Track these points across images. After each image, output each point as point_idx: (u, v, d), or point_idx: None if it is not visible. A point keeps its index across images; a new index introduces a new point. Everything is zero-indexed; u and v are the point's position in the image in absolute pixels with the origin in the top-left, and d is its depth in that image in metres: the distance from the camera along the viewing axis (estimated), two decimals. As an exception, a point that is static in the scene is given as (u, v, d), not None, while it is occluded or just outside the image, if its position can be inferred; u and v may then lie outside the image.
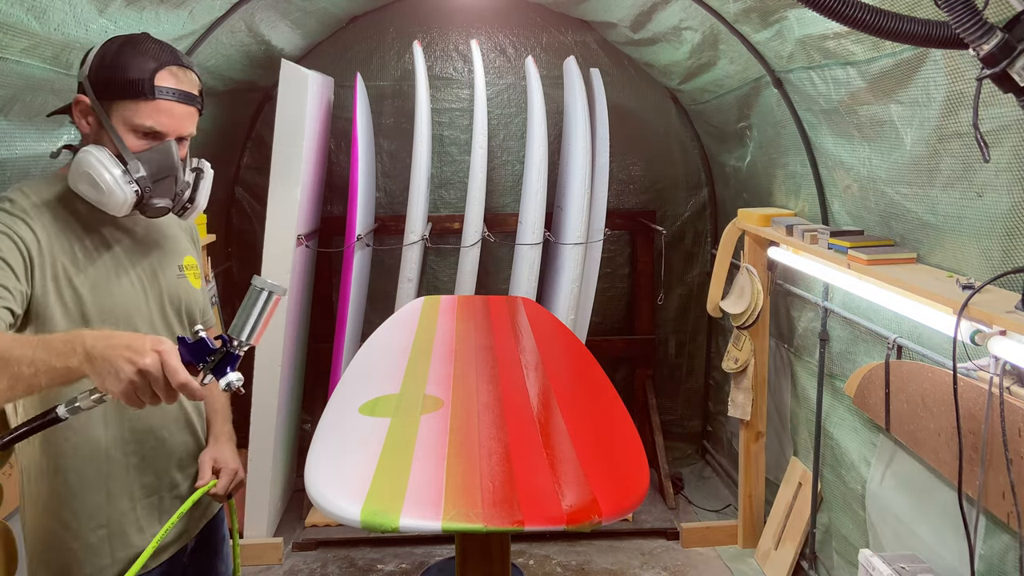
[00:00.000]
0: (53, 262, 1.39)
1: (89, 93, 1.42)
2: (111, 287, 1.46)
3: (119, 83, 1.40)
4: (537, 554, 3.40)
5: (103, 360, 1.10)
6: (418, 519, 1.33)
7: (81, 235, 1.45)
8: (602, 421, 1.85)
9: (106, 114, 1.41)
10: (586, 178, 3.49)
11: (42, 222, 1.40)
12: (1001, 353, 1.74)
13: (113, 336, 1.14)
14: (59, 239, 1.41)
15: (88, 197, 1.42)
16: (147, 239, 1.56)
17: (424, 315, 2.90)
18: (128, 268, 1.50)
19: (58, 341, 1.14)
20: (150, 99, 1.41)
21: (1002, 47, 1.33)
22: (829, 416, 2.87)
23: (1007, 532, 1.87)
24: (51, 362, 1.12)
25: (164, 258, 1.58)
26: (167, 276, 1.57)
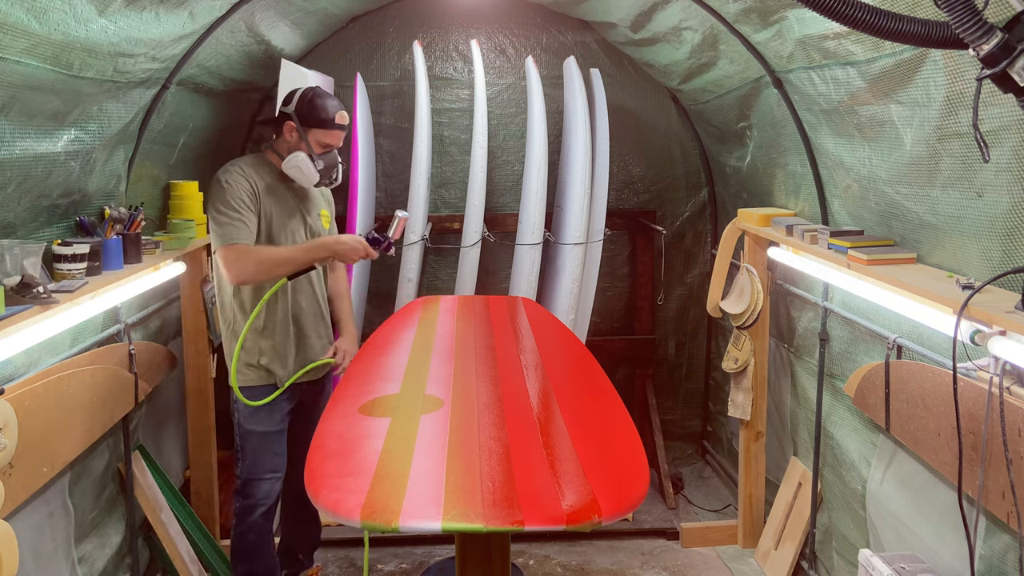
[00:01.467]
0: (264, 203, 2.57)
1: (295, 120, 2.57)
2: (285, 221, 2.63)
3: (317, 119, 2.57)
4: (537, 554, 3.40)
5: (342, 253, 2.57)
6: (418, 519, 1.33)
7: (274, 191, 2.61)
8: (602, 421, 1.85)
9: (305, 133, 2.57)
10: (586, 178, 3.49)
11: (255, 182, 2.56)
12: (1001, 353, 1.74)
13: (341, 241, 2.57)
14: (266, 192, 2.58)
15: (296, 177, 2.59)
16: (305, 198, 2.73)
17: (424, 315, 2.90)
18: (296, 212, 2.67)
19: (313, 246, 2.56)
20: (331, 129, 2.58)
21: (1002, 47, 1.33)
22: (829, 416, 2.87)
23: (1007, 532, 1.87)
24: (311, 256, 2.54)
25: (312, 209, 2.75)
26: (313, 218, 2.74)
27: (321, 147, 2.58)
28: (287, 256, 2.50)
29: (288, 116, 2.58)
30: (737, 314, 3.25)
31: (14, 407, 1.89)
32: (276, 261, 2.48)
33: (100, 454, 2.59)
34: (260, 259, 2.45)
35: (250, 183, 2.53)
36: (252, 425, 2.63)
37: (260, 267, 2.45)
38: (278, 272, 2.50)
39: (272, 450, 2.67)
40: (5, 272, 1.88)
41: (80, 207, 2.40)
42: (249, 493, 2.66)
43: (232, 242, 2.44)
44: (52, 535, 2.27)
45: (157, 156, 2.91)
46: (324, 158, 2.59)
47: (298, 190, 2.69)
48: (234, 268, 2.42)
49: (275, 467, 2.68)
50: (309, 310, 2.71)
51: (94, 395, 2.39)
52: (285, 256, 2.50)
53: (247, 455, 2.66)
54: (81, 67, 2.00)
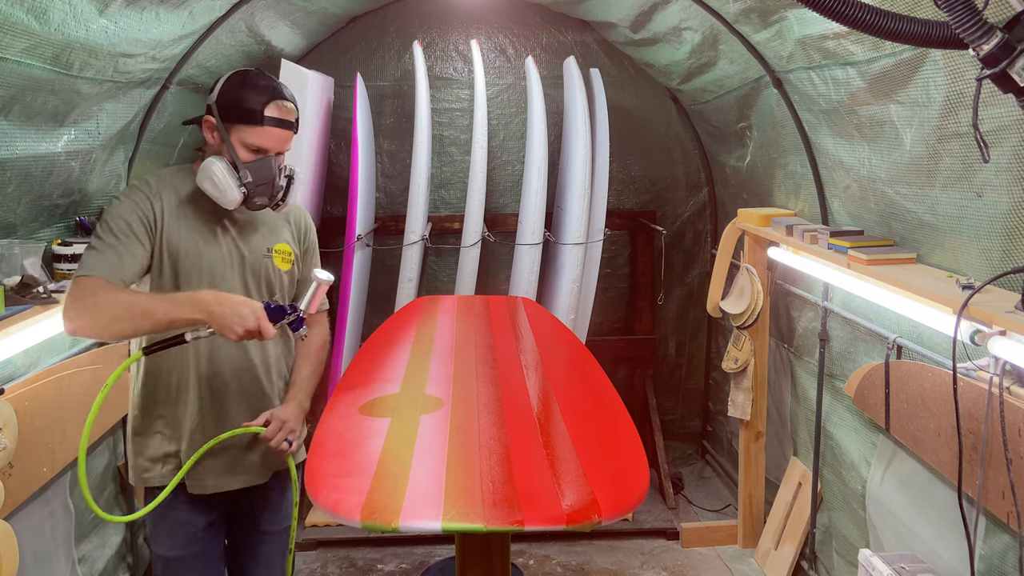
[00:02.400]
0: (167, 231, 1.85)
1: (215, 115, 1.85)
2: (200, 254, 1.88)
3: (238, 112, 1.84)
4: (537, 554, 3.40)
5: (220, 319, 1.66)
6: (418, 519, 1.33)
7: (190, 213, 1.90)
8: (602, 421, 1.85)
9: (227, 133, 1.85)
10: (586, 178, 3.49)
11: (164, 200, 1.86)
12: (1001, 353, 1.74)
13: (223, 301, 1.68)
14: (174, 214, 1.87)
15: (209, 193, 1.84)
16: (245, 224, 1.98)
17: (424, 315, 2.90)
18: (220, 243, 1.92)
19: (184, 300, 1.69)
20: (260, 125, 1.84)
21: (1002, 47, 1.33)
22: (829, 416, 2.87)
23: (1007, 532, 1.87)
24: (182, 315, 1.67)
25: (256, 240, 1.98)
26: (254, 254, 1.96)
27: (249, 151, 1.85)
28: (142, 308, 1.66)
29: (208, 109, 1.88)
30: (737, 314, 3.25)
31: (14, 407, 1.89)
32: (122, 312, 1.66)
33: (100, 454, 2.59)
34: (102, 303, 1.66)
35: (151, 202, 1.83)
36: (157, 545, 1.95)
37: (97, 318, 1.66)
38: (119, 329, 1.69)
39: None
40: (5, 272, 1.88)
41: (80, 207, 2.40)
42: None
43: (85, 274, 1.71)
44: (52, 535, 2.27)
45: (157, 156, 2.91)
46: (253, 168, 1.84)
47: (239, 214, 1.95)
48: (69, 311, 1.67)
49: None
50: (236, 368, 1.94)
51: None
52: (140, 307, 1.66)
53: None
54: (81, 67, 2.00)
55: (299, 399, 2.03)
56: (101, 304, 1.66)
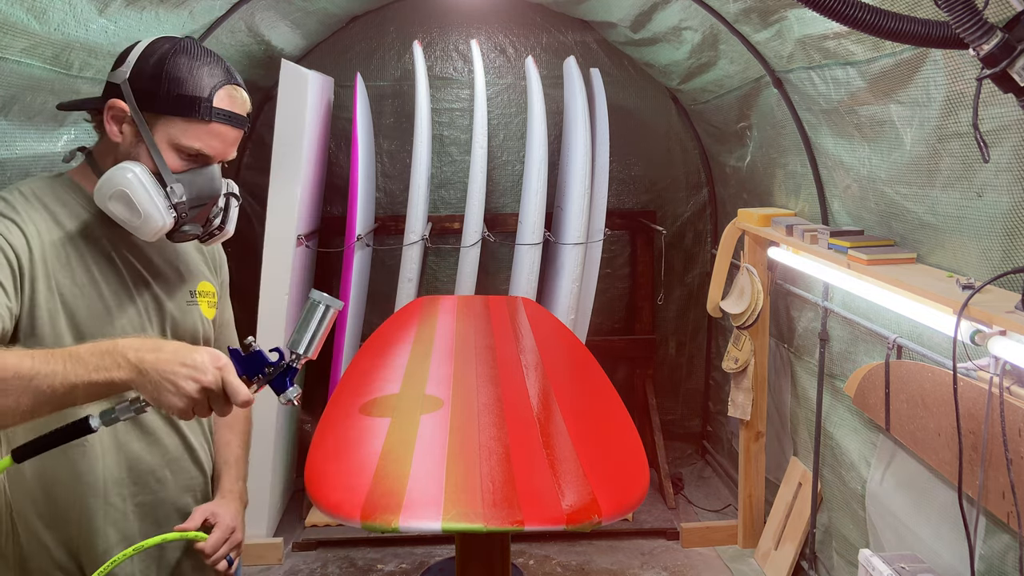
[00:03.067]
0: (47, 275, 1.24)
1: (129, 100, 1.28)
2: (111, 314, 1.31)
3: (171, 98, 1.28)
4: (537, 554, 3.40)
5: (160, 375, 1.04)
6: (418, 519, 1.33)
7: (83, 250, 1.30)
8: (602, 421, 1.85)
9: (148, 128, 1.29)
10: (586, 178, 3.49)
11: (37, 228, 1.25)
12: (1001, 353, 1.74)
13: (161, 347, 1.07)
14: (57, 250, 1.27)
15: (120, 218, 1.28)
16: (157, 261, 1.42)
17: (424, 315, 2.90)
18: (133, 294, 1.35)
19: (90, 353, 1.05)
20: (205, 121, 1.30)
21: (1002, 47, 1.33)
22: (829, 416, 2.87)
23: (1007, 532, 1.87)
24: (89, 376, 1.03)
25: (175, 283, 1.43)
26: (177, 303, 1.42)
27: (183, 157, 1.32)
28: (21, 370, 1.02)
29: (115, 90, 1.30)
30: (737, 314, 3.25)
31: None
32: None
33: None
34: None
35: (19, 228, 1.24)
36: None
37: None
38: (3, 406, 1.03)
39: None
40: (5, 272, 1.87)
41: (80, 207, 2.40)
42: None
43: None
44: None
45: (157, 156, 2.90)
46: (187, 181, 1.32)
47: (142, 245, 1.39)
48: None
49: None
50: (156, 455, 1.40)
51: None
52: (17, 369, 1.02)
53: None
54: (81, 67, 2.00)
55: (238, 490, 1.53)
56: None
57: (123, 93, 1.29)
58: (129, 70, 1.30)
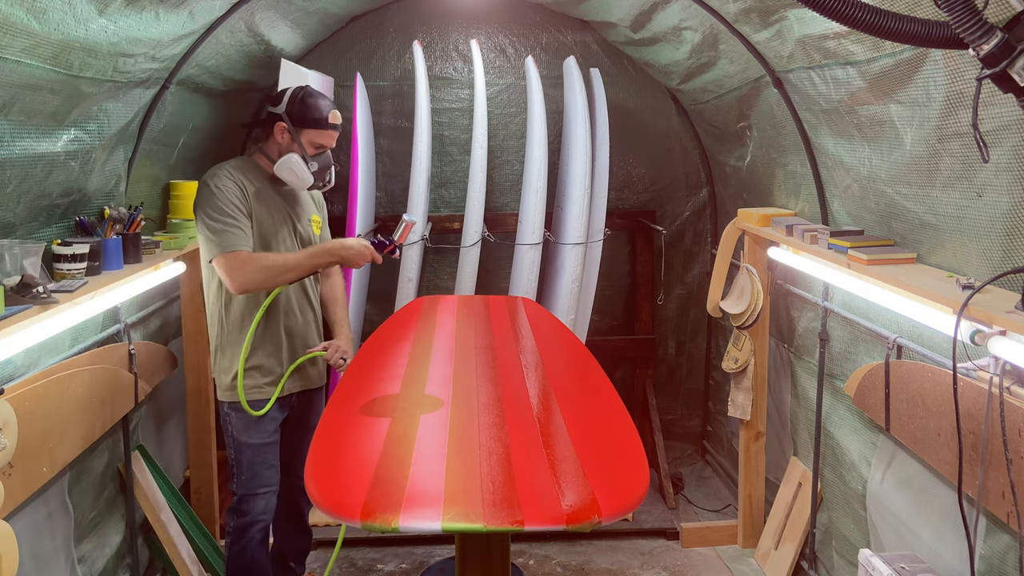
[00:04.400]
0: (251, 208, 2.42)
1: (287, 122, 2.44)
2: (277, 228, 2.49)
3: (310, 119, 2.45)
4: (537, 554, 3.40)
5: (348, 259, 2.47)
6: (418, 519, 1.33)
7: (264, 196, 2.47)
8: (602, 421, 1.85)
9: (298, 134, 2.45)
10: (586, 178, 3.49)
11: (244, 186, 2.42)
12: (1001, 353, 1.74)
13: (347, 246, 2.48)
14: (253, 196, 2.43)
15: (288, 180, 2.46)
16: (295, 203, 2.59)
17: (424, 315, 2.90)
18: (285, 218, 2.53)
19: (320, 252, 2.46)
20: (325, 128, 2.47)
21: (1002, 47, 1.33)
22: (829, 416, 2.87)
23: (1007, 532, 1.87)
24: (322, 261, 2.46)
25: (303, 215, 2.62)
26: (303, 225, 2.60)
27: (314, 148, 2.46)
28: (293, 262, 2.38)
29: (279, 117, 2.44)
30: (737, 314, 3.25)
31: (14, 407, 1.89)
32: (282, 268, 2.36)
33: (100, 454, 2.59)
34: (265, 266, 2.33)
35: (240, 187, 2.39)
36: (246, 438, 2.51)
37: (267, 274, 2.33)
38: (283, 279, 2.38)
39: (267, 462, 2.54)
40: (5, 272, 1.88)
41: (80, 207, 2.40)
42: (246, 510, 2.53)
43: (232, 249, 2.30)
44: (52, 535, 2.27)
45: (157, 156, 2.91)
46: (318, 159, 2.48)
47: (288, 195, 2.56)
48: (239, 276, 2.29)
49: (270, 481, 2.56)
50: (302, 318, 2.60)
51: (94, 395, 2.39)
52: (291, 262, 2.38)
53: (242, 470, 2.52)
54: (81, 67, 2.00)
55: (346, 332, 2.73)
56: (264, 267, 2.33)
57: (283, 118, 2.44)
58: (284, 106, 2.45)
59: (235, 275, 2.29)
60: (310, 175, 2.45)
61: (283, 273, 2.36)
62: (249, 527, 2.53)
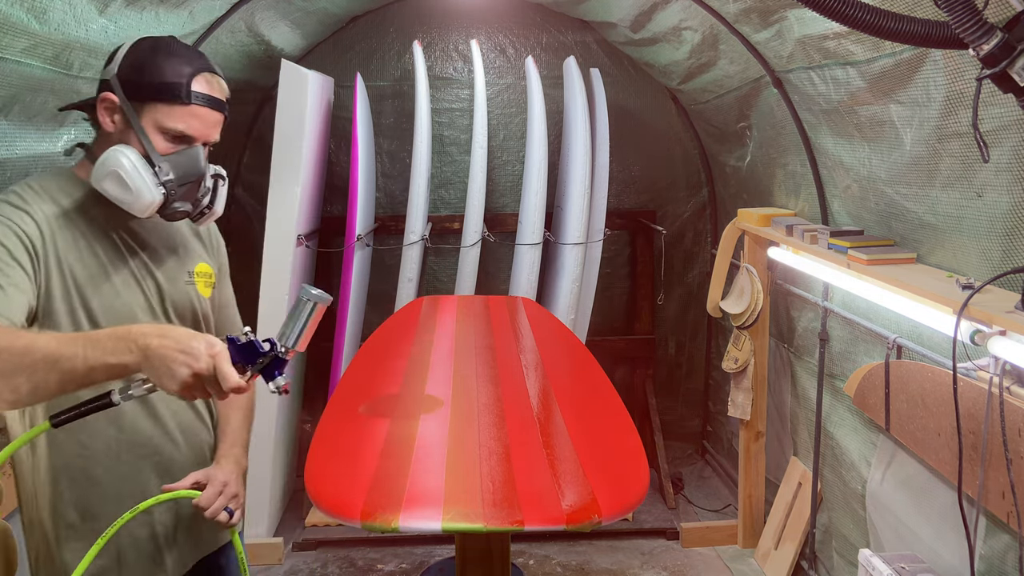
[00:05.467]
0: (58, 260, 1.38)
1: (118, 92, 1.41)
2: (117, 291, 1.45)
3: (153, 86, 1.41)
4: (537, 554, 3.40)
5: (160, 360, 1.15)
6: (418, 519, 1.33)
7: (88, 236, 1.43)
8: (602, 421, 1.85)
9: (136, 115, 1.42)
10: (586, 178, 3.49)
11: (47, 217, 1.38)
12: (1001, 353, 1.74)
13: (166, 334, 1.17)
14: (65, 236, 1.39)
15: (113, 196, 1.40)
16: (157, 243, 1.54)
17: (424, 315, 2.90)
18: (136, 273, 1.48)
19: (107, 338, 1.17)
20: (185, 103, 1.43)
21: (1002, 47, 1.33)
22: (829, 416, 2.87)
23: (1007, 532, 1.87)
24: (105, 359, 1.15)
25: (174, 265, 1.56)
26: (175, 283, 1.55)
27: (168, 139, 1.44)
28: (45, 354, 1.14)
29: (106, 85, 1.43)
30: (737, 314, 3.25)
31: (14, 407, 1.89)
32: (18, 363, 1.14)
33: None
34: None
35: (31, 218, 1.36)
36: None
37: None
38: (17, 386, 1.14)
39: None
40: (5, 272, 1.87)
41: (80, 207, 2.40)
42: None
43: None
44: (52, 535, 2.26)
45: (157, 156, 2.90)
46: (174, 161, 1.44)
47: (140, 228, 1.51)
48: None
49: None
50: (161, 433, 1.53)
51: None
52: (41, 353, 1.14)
53: None
54: (81, 67, 2.00)
55: (235, 454, 1.62)
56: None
57: (112, 86, 1.42)
58: (116, 66, 1.42)
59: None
60: (155, 188, 1.40)
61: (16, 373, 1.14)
62: None
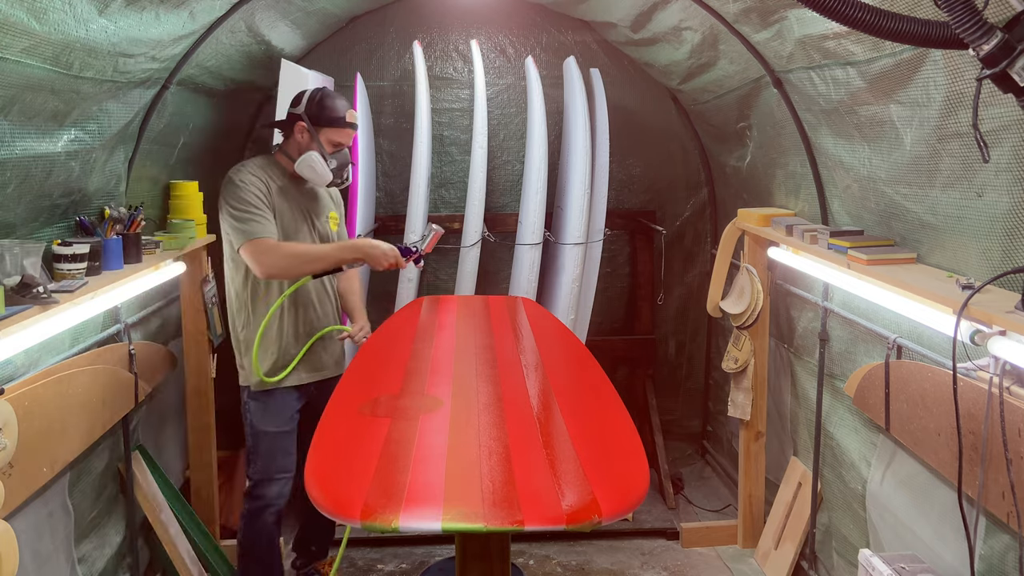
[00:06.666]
0: (273, 206, 2.56)
1: (306, 121, 2.59)
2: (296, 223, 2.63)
3: (327, 118, 2.59)
4: (537, 554, 3.40)
5: (373, 257, 2.57)
6: (418, 519, 1.33)
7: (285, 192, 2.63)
8: (602, 421, 1.85)
9: (316, 133, 2.59)
10: (586, 178, 3.49)
11: (268, 183, 2.58)
12: (1001, 353, 1.74)
13: (375, 245, 2.58)
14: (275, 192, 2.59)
15: (309, 177, 2.60)
16: (312, 201, 2.73)
17: (424, 315, 2.90)
18: (304, 215, 2.67)
19: (346, 247, 2.62)
20: (343, 128, 2.62)
21: (1002, 47, 1.33)
22: (829, 416, 2.87)
23: (1007, 532, 1.87)
24: (345, 256, 2.58)
25: (320, 210, 2.76)
26: (320, 220, 2.74)
27: (333, 146, 2.61)
28: (319, 253, 2.54)
29: (299, 117, 2.60)
30: (737, 314, 3.25)
31: (14, 407, 1.89)
32: (306, 257, 2.51)
33: (100, 454, 2.59)
34: (290, 253, 2.49)
35: (263, 183, 2.55)
36: (263, 425, 2.65)
37: (292, 261, 2.49)
38: (307, 269, 2.53)
39: (284, 449, 2.67)
40: (5, 272, 1.88)
41: (80, 207, 2.40)
42: (260, 495, 2.67)
43: (258, 236, 2.46)
44: (52, 535, 2.27)
45: (157, 156, 2.90)
46: (336, 157, 2.61)
47: (307, 192, 2.71)
48: (266, 261, 2.44)
49: (287, 467, 2.68)
50: (320, 309, 2.73)
51: (94, 395, 2.38)
52: (315, 253, 2.54)
53: (259, 456, 2.66)
54: (81, 67, 2.00)
55: (362, 315, 2.95)
56: (289, 255, 2.48)
57: (303, 118, 2.60)
58: (304, 106, 2.60)
59: (262, 260, 2.44)
60: (329, 172, 2.59)
61: (309, 262, 2.51)
62: (263, 511, 2.67)
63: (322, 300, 2.75)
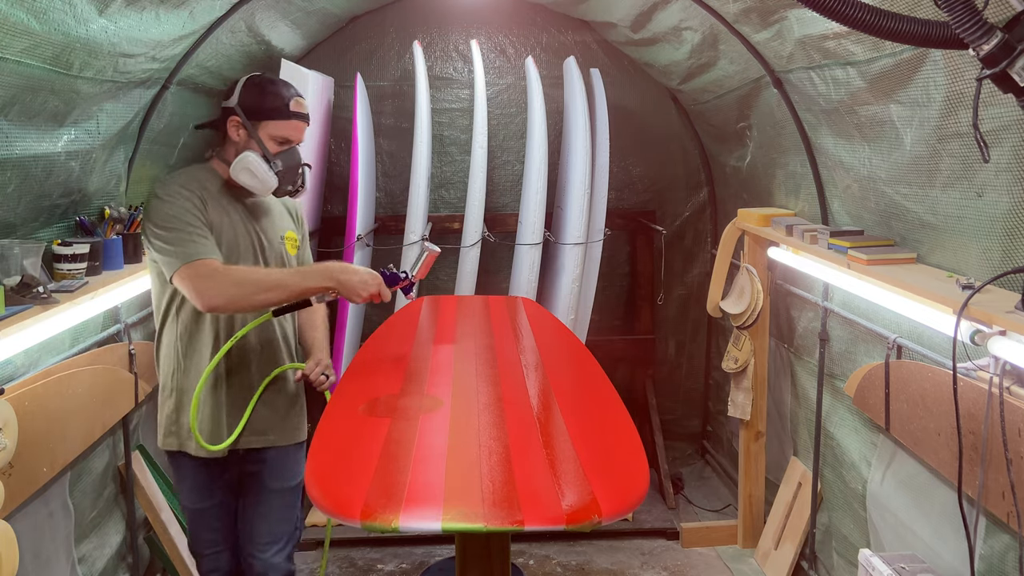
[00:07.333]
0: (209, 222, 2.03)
1: (240, 114, 2.07)
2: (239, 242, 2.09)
3: (265, 109, 2.07)
4: (537, 554, 3.40)
5: (349, 285, 1.99)
6: (418, 519, 1.33)
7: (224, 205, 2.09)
8: (602, 421, 1.84)
9: (254, 129, 2.07)
10: (586, 178, 3.49)
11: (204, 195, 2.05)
12: (1001, 353, 1.74)
13: (348, 271, 2.00)
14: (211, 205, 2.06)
15: (246, 183, 2.06)
16: (260, 214, 2.19)
17: (424, 315, 2.90)
18: (249, 232, 2.12)
19: (314, 272, 2.03)
20: (287, 120, 2.09)
21: (1002, 47, 1.33)
22: (829, 416, 2.87)
23: (1007, 532, 1.87)
24: (311, 284, 1.98)
25: (271, 228, 2.20)
26: (270, 240, 2.19)
27: (276, 144, 2.09)
28: (275, 280, 1.94)
29: (231, 110, 2.07)
30: (737, 314, 3.25)
31: (14, 407, 1.89)
32: (262, 285, 1.92)
33: (100, 454, 2.59)
34: (241, 280, 1.92)
35: (196, 195, 2.03)
36: (185, 500, 2.25)
37: (242, 290, 1.91)
38: (261, 299, 1.94)
39: (208, 526, 2.24)
40: (5, 272, 1.88)
41: (80, 207, 2.40)
42: (197, 566, 2.33)
43: (197, 258, 1.92)
44: (52, 535, 2.27)
45: (157, 156, 2.90)
46: (282, 157, 2.08)
47: (254, 207, 2.18)
48: (207, 289, 1.88)
49: (215, 541, 2.26)
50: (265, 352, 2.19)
51: (94, 395, 2.38)
52: (273, 279, 1.94)
53: (187, 529, 2.32)
54: (81, 67, 2.00)
55: (323, 355, 2.34)
56: (238, 281, 1.91)
57: (236, 111, 2.07)
58: (237, 97, 2.08)
59: (204, 288, 1.88)
60: (273, 176, 2.06)
61: (264, 291, 1.92)
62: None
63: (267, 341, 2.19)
